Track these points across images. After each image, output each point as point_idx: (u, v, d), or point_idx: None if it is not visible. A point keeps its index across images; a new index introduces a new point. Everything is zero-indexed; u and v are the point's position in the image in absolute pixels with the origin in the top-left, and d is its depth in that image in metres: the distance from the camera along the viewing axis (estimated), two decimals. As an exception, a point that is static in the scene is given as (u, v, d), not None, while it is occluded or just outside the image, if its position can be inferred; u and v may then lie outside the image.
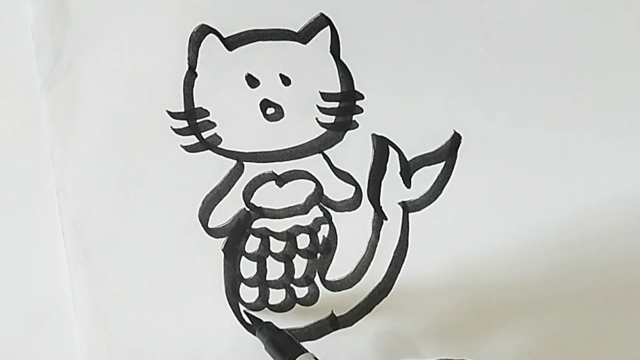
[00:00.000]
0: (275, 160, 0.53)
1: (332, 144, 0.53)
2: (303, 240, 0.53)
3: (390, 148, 0.53)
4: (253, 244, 0.53)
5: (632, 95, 0.54)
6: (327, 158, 0.53)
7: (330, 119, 0.53)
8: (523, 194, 0.53)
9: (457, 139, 0.53)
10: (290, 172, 0.53)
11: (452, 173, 0.53)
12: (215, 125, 0.52)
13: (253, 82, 0.52)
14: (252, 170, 0.53)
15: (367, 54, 0.53)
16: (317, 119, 0.53)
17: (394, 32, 0.53)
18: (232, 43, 0.52)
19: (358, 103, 0.53)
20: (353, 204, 0.53)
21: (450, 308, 0.53)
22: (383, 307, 0.53)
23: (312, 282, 0.53)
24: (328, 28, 0.53)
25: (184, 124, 0.52)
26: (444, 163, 0.53)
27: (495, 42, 0.53)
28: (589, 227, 0.53)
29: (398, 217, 0.53)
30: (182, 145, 0.52)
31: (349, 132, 0.53)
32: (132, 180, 0.52)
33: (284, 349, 0.48)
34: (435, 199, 0.53)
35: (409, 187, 0.53)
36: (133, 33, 0.52)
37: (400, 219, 0.53)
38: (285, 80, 0.52)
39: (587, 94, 0.53)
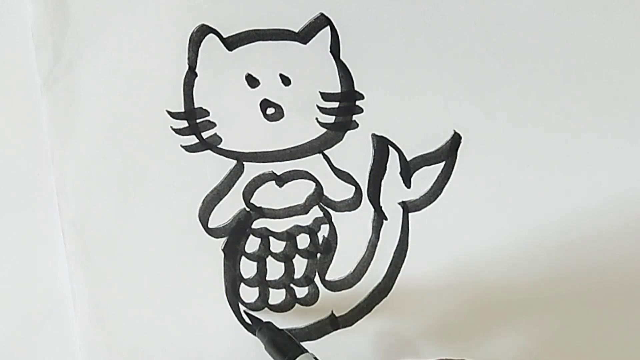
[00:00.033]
0: (275, 160, 0.53)
1: (332, 144, 0.53)
2: (303, 240, 0.53)
3: (390, 148, 0.53)
4: (253, 244, 0.53)
5: (632, 95, 0.54)
6: (327, 158, 0.53)
7: (330, 119, 0.53)
8: (523, 194, 0.53)
9: (457, 139, 0.53)
10: (290, 172, 0.53)
11: (452, 173, 0.53)
12: (215, 125, 0.52)
13: (253, 82, 0.52)
14: (252, 170, 0.53)
15: (367, 54, 0.53)
16: (317, 119, 0.53)
17: (394, 32, 0.53)
18: (232, 43, 0.52)
19: (358, 103, 0.53)
20: (353, 204, 0.53)
21: (450, 308, 0.53)
22: (383, 307, 0.53)
23: (312, 282, 0.53)
24: (328, 28, 0.53)
25: (184, 124, 0.52)
26: (444, 163, 0.53)
27: (495, 42, 0.53)
28: (589, 227, 0.53)
29: (398, 217, 0.53)
30: (182, 145, 0.52)
31: (349, 132, 0.53)
32: (132, 180, 0.52)
33: (284, 349, 0.48)
34: (435, 199, 0.53)
35: (409, 187, 0.53)
36: (133, 33, 0.52)
37: (400, 219, 0.53)
38: (285, 80, 0.52)
39: (587, 94, 0.53)
